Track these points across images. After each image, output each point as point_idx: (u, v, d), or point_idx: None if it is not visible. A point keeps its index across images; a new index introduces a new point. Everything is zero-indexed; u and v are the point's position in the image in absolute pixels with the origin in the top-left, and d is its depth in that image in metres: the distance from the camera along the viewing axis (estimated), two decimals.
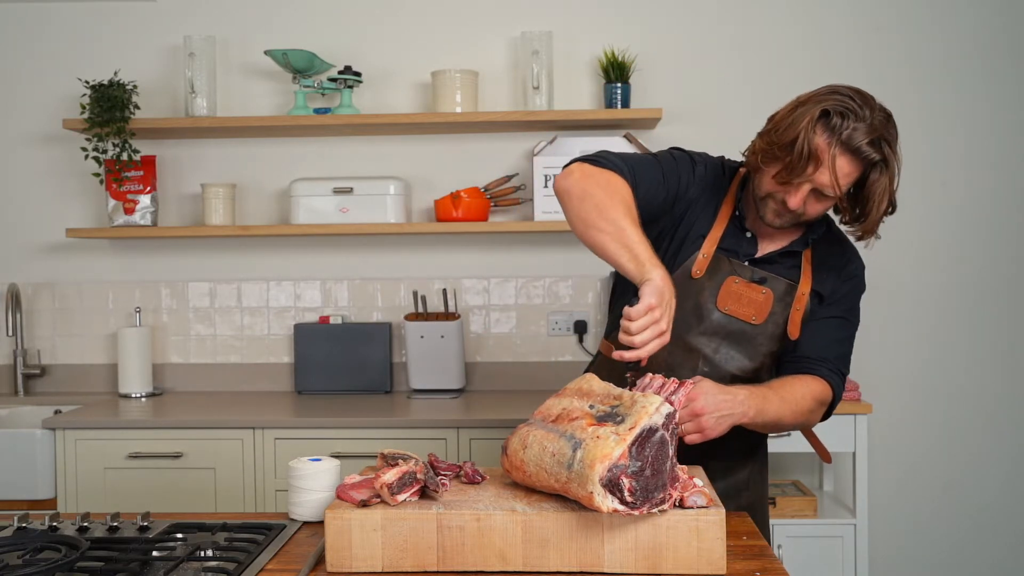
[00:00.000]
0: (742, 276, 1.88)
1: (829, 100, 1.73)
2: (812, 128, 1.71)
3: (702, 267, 1.87)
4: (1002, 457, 3.40)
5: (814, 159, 1.72)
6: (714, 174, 1.94)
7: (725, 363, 1.89)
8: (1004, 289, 3.39)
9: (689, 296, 1.88)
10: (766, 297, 1.87)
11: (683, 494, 1.50)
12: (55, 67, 3.47)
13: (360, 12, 3.44)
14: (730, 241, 1.89)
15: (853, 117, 1.72)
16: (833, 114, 1.71)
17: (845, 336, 1.96)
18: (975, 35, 3.36)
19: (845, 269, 1.95)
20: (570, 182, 1.78)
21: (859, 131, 1.72)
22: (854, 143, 1.72)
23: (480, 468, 1.72)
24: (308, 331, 3.38)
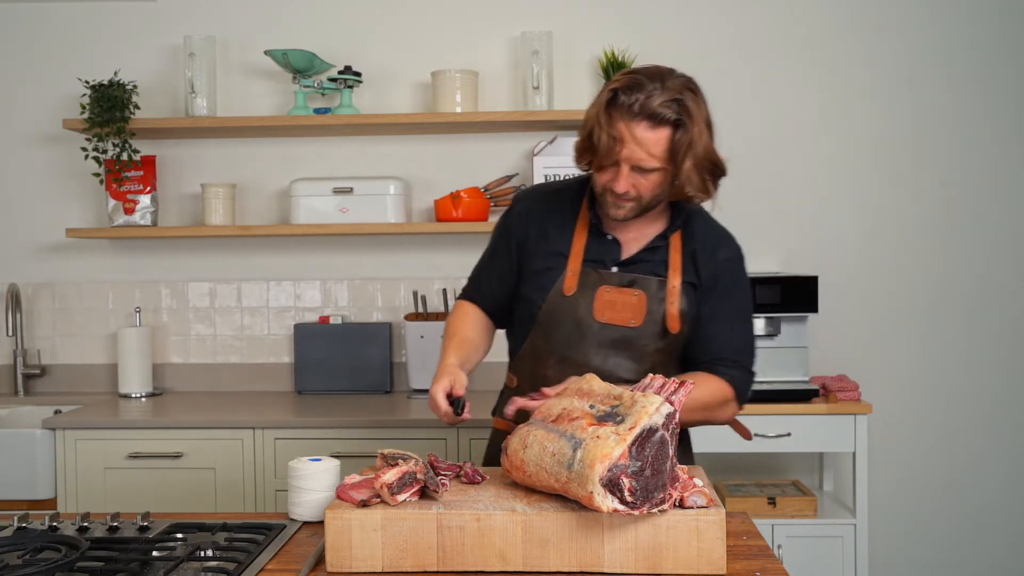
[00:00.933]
0: (611, 283, 1.90)
1: (618, 81, 1.77)
2: (604, 110, 1.76)
3: (572, 284, 1.90)
4: (1002, 457, 3.40)
5: (616, 139, 1.75)
6: (549, 199, 2.00)
7: (616, 370, 1.90)
8: (1004, 289, 3.39)
9: (567, 313, 1.90)
10: (639, 299, 1.89)
11: (683, 494, 1.50)
12: (55, 67, 3.47)
13: (360, 12, 3.44)
14: (594, 251, 1.92)
15: (640, 88, 1.74)
16: (620, 92, 1.75)
17: (739, 326, 1.96)
18: (975, 35, 3.35)
19: (715, 256, 1.94)
20: None
21: (651, 98, 1.73)
22: (648, 109, 1.73)
23: (480, 468, 1.72)
24: (308, 331, 3.38)
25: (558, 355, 1.92)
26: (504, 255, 2.01)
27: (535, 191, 2.06)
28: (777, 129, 3.39)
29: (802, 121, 3.40)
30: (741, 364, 1.95)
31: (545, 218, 1.96)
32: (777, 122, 3.39)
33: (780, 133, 3.39)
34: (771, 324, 3.11)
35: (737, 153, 3.37)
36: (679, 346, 1.94)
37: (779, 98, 3.40)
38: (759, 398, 3.00)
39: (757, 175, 3.40)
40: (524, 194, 2.06)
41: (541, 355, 1.94)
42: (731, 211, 3.39)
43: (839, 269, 3.38)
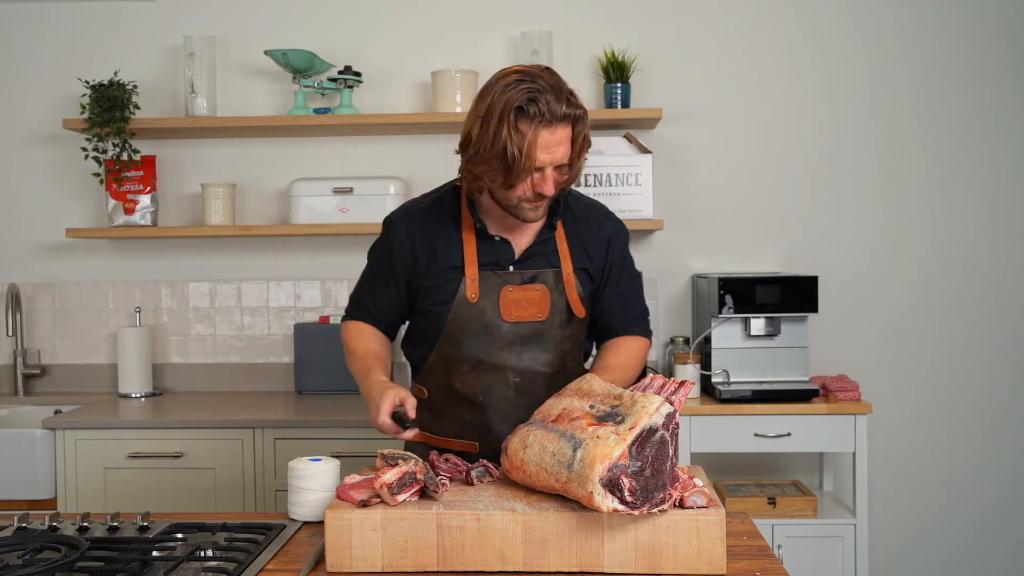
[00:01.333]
0: (513, 283, 1.93)
1: (511, 94, 1.75)
2: (515, 129, 1.74)
3: (474, 289, 1.92)
4: (1002, 457, 3.40)
5: (540, 148, 1.76)
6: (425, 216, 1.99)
7: (531, 365, 1.95)
8: (1004, 289, 3.39)
9: (474, 319, 1.92)
10: (542, 293, 1.93)
11: (683, 494, 1.50)
12: (55, 67, 3.47)
13: (360, 12, 3.44)
14: (487, 254, 1.94)
15: (539, 92, 1.76)
16: (525, 104, 1.74)
17: (636, 292, 2.09)
18: (975, 35, 3.35)
19: (600, 235, 2.02)
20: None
21: (552, 100, 1.76)
22: (557, 112, 1.76)
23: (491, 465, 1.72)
24: (308, 331, 3.38)
25: (472, 361, 1.94)
26: (389, 280, 2.01)
27: (409, 212, 2.02)
28: (777, 129, 3.39)
29: (803, 121, 3.40)
30: (643, 317, 2.10)
31: (429, 235, 1.96)
32: (777, 122, 3.39)
33: (780, 133, 3.39)
34: (771, 324, 3.11)
35: (737, 153, 3.40)
36: (584, 327, 2.03)
37: (779, 97, 3.40)
38: (759, 398, 3.01)
39: (757, 175, 3.40)
40: (399, 217, 2.02)
41: (453, 363, 1.95)
42: (731, 211, 3.42)
43: (839, 269, 3.38)
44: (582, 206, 2.03)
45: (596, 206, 2.07)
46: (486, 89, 1.82)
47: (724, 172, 3.40)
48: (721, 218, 3.41)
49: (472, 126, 1.82)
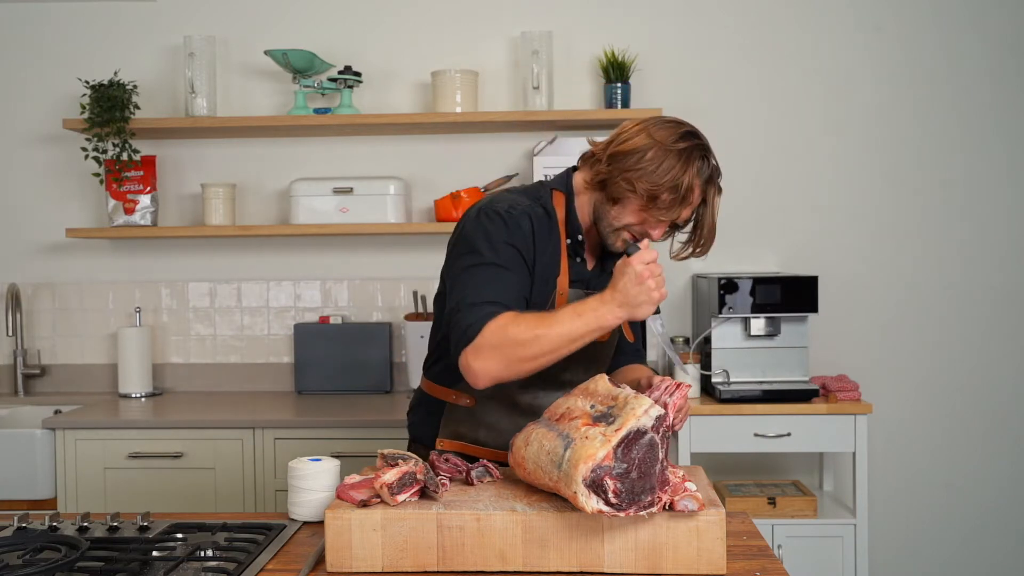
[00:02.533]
0: None
1: (697, 139, 1.83)
2: (696, 173, 1.80)
3: (562, 304, 1.82)
4: (1002, 457, 3.40)
5: (692, 195, 1.81)
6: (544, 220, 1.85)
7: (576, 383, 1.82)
8: (1004, 289, 3.39)
9: None
10: None
11: (673, 498, 1.48)
12: (55, 67, 3.47)
13: (360, 12, 3.44)
14: (575, 272, 1.89)
15: (712, 155, 1.84)
16: (705, 157, 1.83)
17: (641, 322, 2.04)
18: (975, 35, 3.35)
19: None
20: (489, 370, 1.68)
21: (716, 167, 1.85)
22: (715, 179, 1.85)
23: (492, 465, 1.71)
24: (308, 331, 3.38)
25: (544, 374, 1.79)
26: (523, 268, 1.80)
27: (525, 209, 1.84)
28: (777, 129, 3.39)
29: (803, 121, 3.40)
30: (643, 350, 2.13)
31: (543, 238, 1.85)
32: (777, 122, 3.39)
33: (781, 133, 3.39)
34: (771, 324, 3.11)
35: (737, 153, 3.39)
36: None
37: (779, 98, 3.40)
38: (759, 398, 3.01)
39: (758, 175, 3.40)
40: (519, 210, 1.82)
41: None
42: (731, 211, 3.42)
43: (839, 269, 3.38)
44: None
45: None
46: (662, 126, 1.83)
47: (724, 172, 3.37)
48: (721, 218, 3.39)
49: (646, 147, 1.78)
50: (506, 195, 1.89)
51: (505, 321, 1.66)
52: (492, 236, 1.78)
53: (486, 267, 1.75)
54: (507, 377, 1.69)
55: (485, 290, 1.72)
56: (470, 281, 1.74)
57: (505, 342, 1.65)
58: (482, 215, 1.82)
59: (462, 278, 1.76)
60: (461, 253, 1.81)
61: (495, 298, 1.71)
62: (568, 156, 3.24)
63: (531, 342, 1.64)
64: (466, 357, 1.68)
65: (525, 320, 1.66)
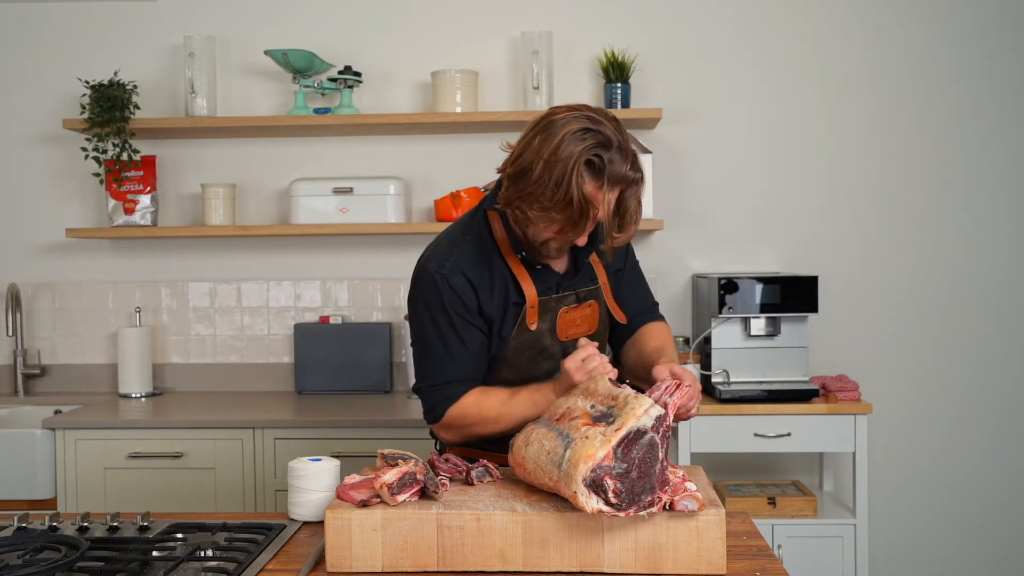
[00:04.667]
0: (567, 303, 1.92)
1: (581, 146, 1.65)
2: (582, 180, 1.65)
3: (533, 317, 1.87)
4: (1002, 457, 3.40)
5: (592, 207, 1.68)
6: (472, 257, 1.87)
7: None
8: (1004, 289, 3.39)
9: (534, 344, 1.89)
10: (593, 309, 1.96)
11: (673, 498, 1.48)
12: (55, 67, 3.47)
13: (360, 12, 3.44)
14: (540, 282, 1.88)
15: (606, 147, 1.66)
16: (593, 157, 1.66)
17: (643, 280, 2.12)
18: (976, 34, 3.35)
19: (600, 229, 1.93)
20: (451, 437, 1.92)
21: (616, 161, 1.67)
22: (618, 175, 1.67)
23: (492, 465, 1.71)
24: (308, 331, 3.38)
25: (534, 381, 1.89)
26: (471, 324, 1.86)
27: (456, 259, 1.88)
28: (777, 129, 3.39)
29: (802, 121, 3.40)
30: (655, 303, 2.14)
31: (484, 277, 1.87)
32: (777, 122, 3.39)
33: (780, 133, 3.39)
34: (771, 324, 3.11)
35: (737, 153, 3.39)
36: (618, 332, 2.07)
37: (779, 98, 3.40)
38: (759, 398, 3.01)
39: (758, 175, 3.40)
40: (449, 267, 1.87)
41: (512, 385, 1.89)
42: (731, 211, 3.41)
43: (839, 269, 3.38)
44: None
45: None
46: (551, 129, 1.68)
47: (724, 172, 3.40)
48: (721, 218, 3.41)
49: (532, 164, 1.67)
50: (443, 240, 1.92)
51: (463, 406, 1.86)
52: (431, 306, 1.86)
53: (435, 342, 1.86)
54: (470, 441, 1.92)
55: (442, 370, 1.87)
56: (425, 359, 1.89)
57: (464, 423, 1.86)
58: (420, 281, 1.90)
59: (417, 353, 1.91)
60: (412, 321, 1.93)
61: (452, 377, 1.86)
62: None
63: (487, 422, 1.85)
64: (434, 428, 1.93)
65: (483, 404, 1.84)
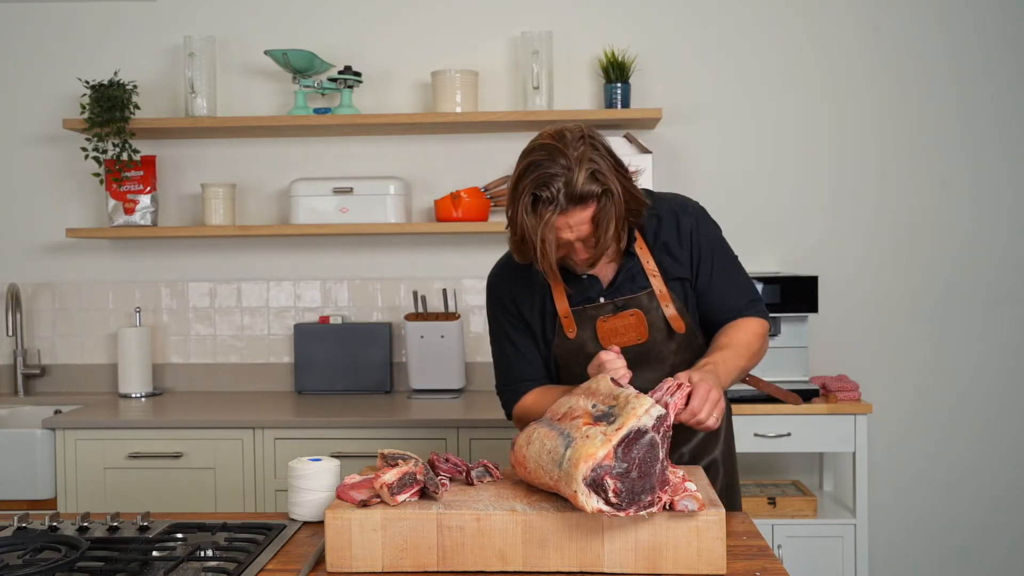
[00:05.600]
0: (605, 313, 1.93)
1: (528, 179, 1.71)
2: (529, 216, 1.71)
3: (571, 326, 1.94)
4: (1002, 457, 3.40)
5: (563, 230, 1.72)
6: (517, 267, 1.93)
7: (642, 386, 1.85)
8: (1004, 288, 3.39)
9: (579, 352, 1.94)
10: (637, 317, 1.93)
11: (673, 498, 1.48)
12: (55, 67, 3.47)
13: (360, 12, 3.44)
14: (578, 292, 1.93)
15: (555, 179, 1.69)
16: (538, 190, 1.69)
17: (737, 274, 2.02)
18: (976, 34, 3.35)
19: (681, 233, 1.95)
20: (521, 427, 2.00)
21: (571, 183, 1.68)
22: (573, 195, 1.69)
23: (491, 464, 1.71)
24: (308, 331, 3.38)
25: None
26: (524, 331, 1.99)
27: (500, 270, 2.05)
28: (777, 128, 3.39)
29: (802, 121, 3.40)
30: (755, 300, 2.02)
31: (520, 290, 1.97)
32: (777, 121, 3.39)
33: (780, 132, 3.39)
34: (771, 324, 3.10)
35: (737, 153, 3.39)
36: (693, 338, 1.97)
37: (779, 97, 3.40)
38: (759, 398, 3.01)
39: (757, 175, 3.40)
40: (494, 277, 2.05)
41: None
42: (732, 210, 3.42)
43: (839, 269, 3.38)
44: (661, 206, 1.96)
45: (672, 202, 1.98)
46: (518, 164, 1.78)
47: (724, 172, 3.40)
48: (721, 218, 3.37)
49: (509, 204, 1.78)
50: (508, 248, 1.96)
51: (525, 404, 2.00)
52: (491, 311, 2.05)
53: (497, 346, 2.05)
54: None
55: (507, 372, 2.04)
56: (496, 362, 2.07)
57: (530, 419, 1.92)
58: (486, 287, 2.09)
59: (493, 355, 2.08)
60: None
61: (516, 377, 2.02)
62: None
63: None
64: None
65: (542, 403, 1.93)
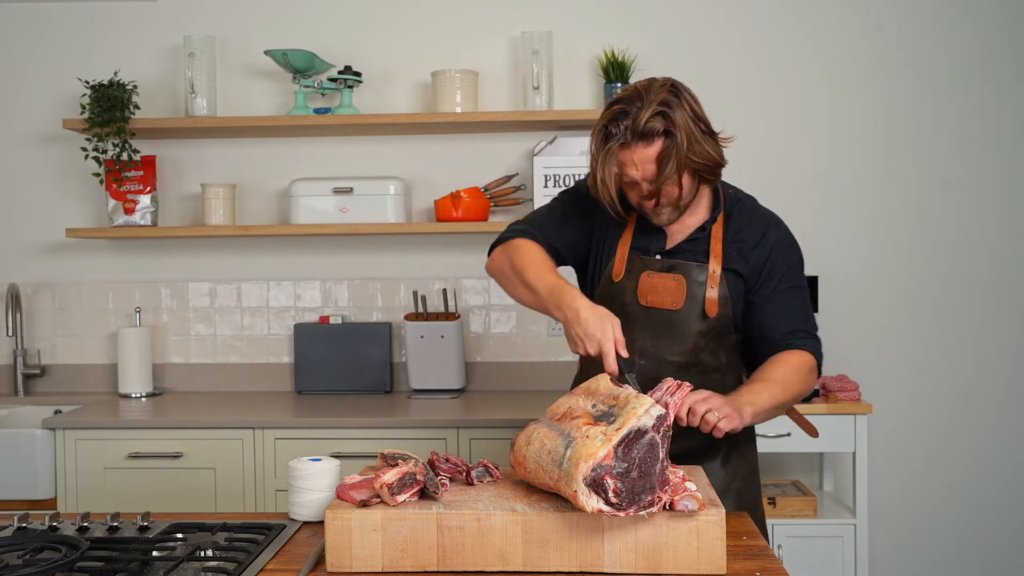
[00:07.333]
0: (653, 268, 1.99)
1: (605, 115, 1.87)
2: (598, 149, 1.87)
3: (619, 270, 2.01)
4: (1002, 457, 3.40)
5: (621, 166, 1.86)
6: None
7: (660, 352, 1.98)
8: (1004, 288, 3.39)
9: (615, 298, 2.00)
10: (678, 283, 1.97)
11: (673, 498, 1.48)
12: (55, 67, 3.47)
13: (360, 12, 3.44)
14: (641, 240, 2.02)
15: (624, 116, 1.83)
16: (609, 126, 1.85)
17: (800, 301, 2.05)
18: (976, 34, 3.35)
19: (764, 241, 2.02)
20: (493, 266, 2.06)
21: (638, 120, 1.82)
22: (636, 131, 1.82)
23: (492, 464, 1.72)
24: (308, 331, 3.38)
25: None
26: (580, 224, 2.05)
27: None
28: (777, 128, 3.39)
29: (802, 121, 3.40)
30: (811, 333, 2.03)
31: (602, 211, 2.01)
32: (777, 121, 3.39)
33: (780, 132, 3.39)
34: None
35: (737, 152, 3.38)
36: (724, 331, 2.00)
37: (779, 97, 3.40)
38: None
39: (757, 175, 3.39)
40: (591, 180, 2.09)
41: None
42: None
43: (839, 269, 3.38)
44: (747, 214, 2.04)
45: (764, 214, 2.07)
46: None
47: (723, 172, 3.39)
48: None
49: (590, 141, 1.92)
50: None
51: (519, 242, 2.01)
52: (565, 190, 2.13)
53: (547, 206, 2.11)
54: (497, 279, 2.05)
55: (532, 217, 2.09)
56: (532, 212, 2.13)
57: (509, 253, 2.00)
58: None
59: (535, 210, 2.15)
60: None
61: (537, 226, 2.05)
62: (568, 156, 3.24)
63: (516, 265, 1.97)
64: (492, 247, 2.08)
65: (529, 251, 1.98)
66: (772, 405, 1.87)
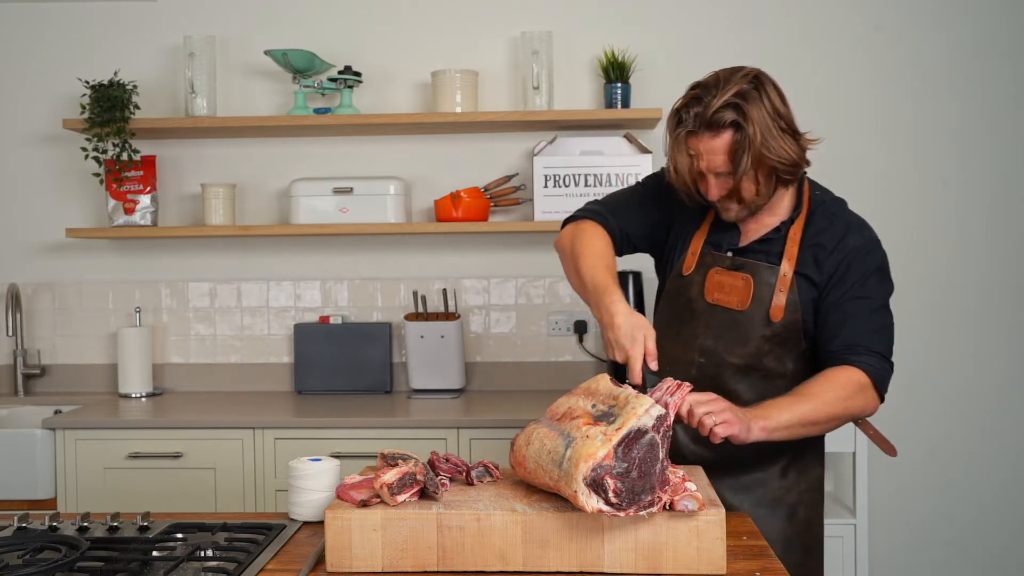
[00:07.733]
0: (722, 265, 1.94)
1: (681, 100, 1.87)
2: (672, 134, 1.85)
3: (690, 264, 1.97)
4: (1002, 457, 3.40)
5: (690, 155, 1.82)
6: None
7: (720, 352, 1.93)
8: (1004, 289, 3.39)
9: (682, 292, 1.97)
10: (746, 283, 1.91)
11: (673, 498, 1.48)
12: (55, 67, 3.47)
13: (360, 12, 3.44)
14: (716, 235, 1.97)
15: (696, 102, 1.82)
16: (681, 112, 1.83)
17: (872, 314, 1.94)
18: (976, 34, 3.35)
19: (843, 245, 1.92)
20: (559, 243, 2.03)
21: (708, 108, 1.79)
22: (705, 119, 1.79)
23: (492, 464, 1.72)
24: (308, 331, 3.38)
25: (674, 330, 1.96)
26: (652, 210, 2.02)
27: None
28: None
29: (802, 121, 3.38)
30: (874, 351, 1.93)
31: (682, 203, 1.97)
32: None
33: None
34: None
35: None
36: (791, 337, 1.91)
37: None
38: None
39: None
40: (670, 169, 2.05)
41: (660, 328, 1.90)
42: None
43: None
44: (830, 216, 1.95)
45: (848, 218, 1.97)
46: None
47: None
48: None
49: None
50: None
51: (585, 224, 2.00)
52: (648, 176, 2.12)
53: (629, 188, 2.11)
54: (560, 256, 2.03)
55: (608, 199, 2.07)
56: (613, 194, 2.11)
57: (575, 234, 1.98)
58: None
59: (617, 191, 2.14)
60: None
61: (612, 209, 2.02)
62: (568, 156, 3.24)
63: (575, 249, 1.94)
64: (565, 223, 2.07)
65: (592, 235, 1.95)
66: (797, 422, 1.77)
